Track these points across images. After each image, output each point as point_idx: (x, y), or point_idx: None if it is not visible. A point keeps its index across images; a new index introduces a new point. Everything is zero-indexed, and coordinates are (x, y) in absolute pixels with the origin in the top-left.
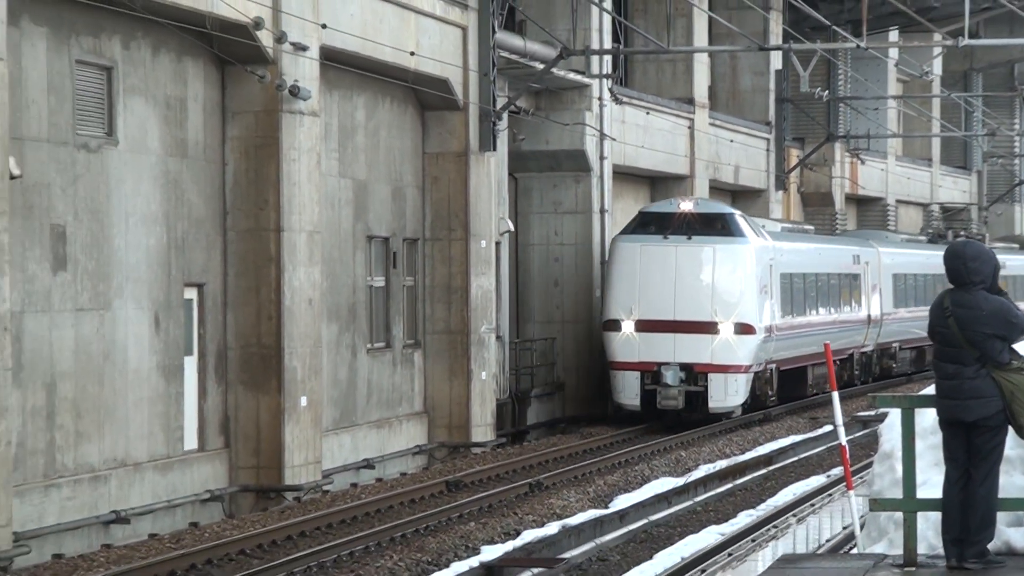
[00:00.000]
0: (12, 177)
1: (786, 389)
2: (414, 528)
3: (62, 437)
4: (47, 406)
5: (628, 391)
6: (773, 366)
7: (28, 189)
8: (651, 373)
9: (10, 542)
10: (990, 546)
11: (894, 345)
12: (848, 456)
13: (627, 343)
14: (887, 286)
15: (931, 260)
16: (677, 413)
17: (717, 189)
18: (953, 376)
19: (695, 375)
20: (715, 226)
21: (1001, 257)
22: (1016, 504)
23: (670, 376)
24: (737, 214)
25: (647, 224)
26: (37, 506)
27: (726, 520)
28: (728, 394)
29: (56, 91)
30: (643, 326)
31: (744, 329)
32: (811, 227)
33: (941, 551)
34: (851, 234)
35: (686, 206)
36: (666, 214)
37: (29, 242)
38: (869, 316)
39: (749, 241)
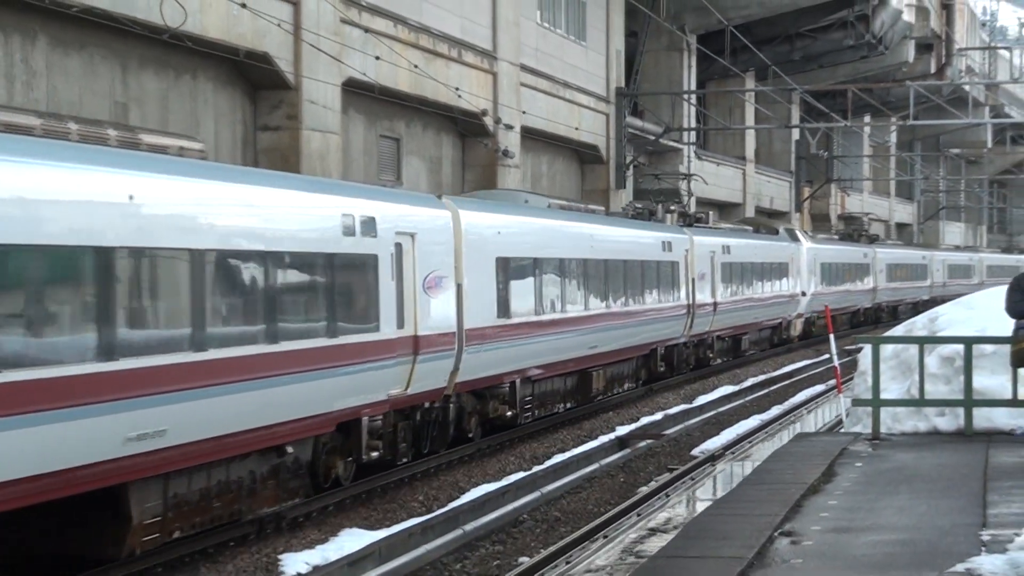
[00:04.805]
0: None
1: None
2: (577, 415)
3: None
4: None
5: None
6: None
7: None
8: None
9: None
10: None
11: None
12: (839, 372)
13: None
14: (486, 279)
15: (618, 242)
16: None
17: (760, 212)
18: None
19: None
20: None
21: (724, 240)
22: (939, 403)
23: None
24: None
25: None
26: None
27: (764, 411)
28: None
29: (368, 154)
30: None
31: None
32: (292, 177)
33: (896, 430)
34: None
35: None
36: None
37: None
38: (416, 337)
39: None
